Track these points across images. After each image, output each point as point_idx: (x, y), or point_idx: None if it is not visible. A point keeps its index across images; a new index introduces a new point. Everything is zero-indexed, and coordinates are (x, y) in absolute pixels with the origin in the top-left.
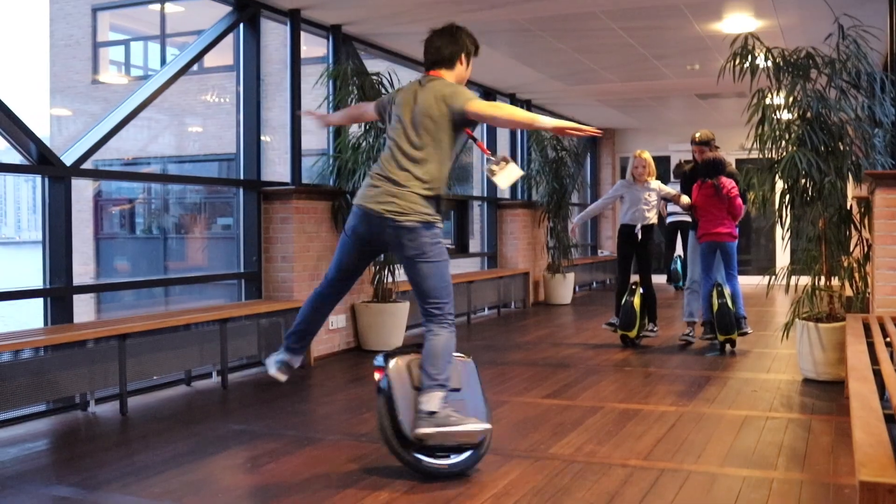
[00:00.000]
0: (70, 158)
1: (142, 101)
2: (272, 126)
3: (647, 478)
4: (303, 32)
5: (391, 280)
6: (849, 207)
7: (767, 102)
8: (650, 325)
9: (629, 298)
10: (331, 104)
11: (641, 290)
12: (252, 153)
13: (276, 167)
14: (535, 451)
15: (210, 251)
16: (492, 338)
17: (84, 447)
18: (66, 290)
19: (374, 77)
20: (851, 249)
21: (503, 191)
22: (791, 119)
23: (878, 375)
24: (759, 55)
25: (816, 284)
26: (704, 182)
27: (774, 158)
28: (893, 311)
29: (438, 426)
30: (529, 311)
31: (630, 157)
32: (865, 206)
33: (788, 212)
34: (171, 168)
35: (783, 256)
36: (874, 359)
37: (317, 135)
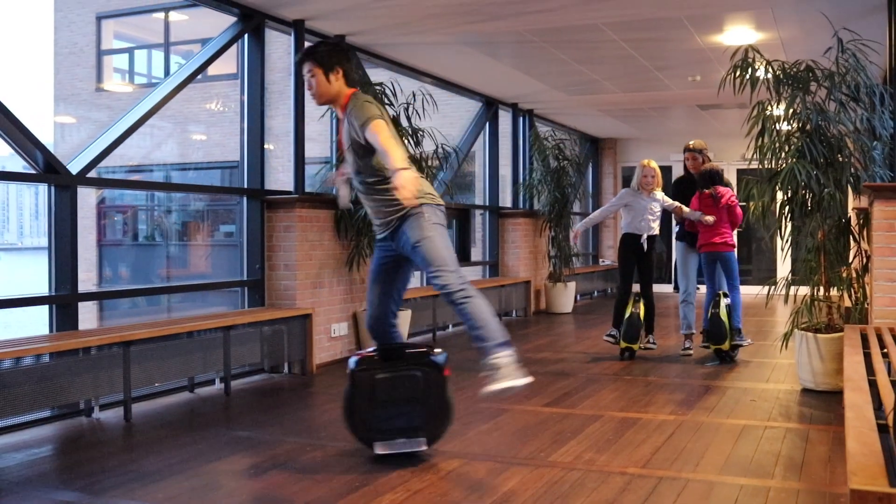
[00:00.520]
0: (76, 167)
1: (147, 110)
2: (275, 134)
3: (646, 486)
4: (307, 43)
5: None
6: (850, 218)
7: (767, 114)
8: (648, 338)
9: (634, 311)
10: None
11: (643, 301)
12: (256, 161)
13: (280, 175)
14: (535, 459)
15: (213, 259)
16: None
17: (88, 453)
18: (72, 298)
19: (378, 87)
20: (850, 260)
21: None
22: (791, 131)
23: (874, 386)
24: (760, 67)
25: (815, 295)
26: (703, 192)
27: (774, 169)
28: (891, 322)
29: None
30: (531, 320)
31: (637, 167)
32: (864, 218)
33: (788, 222)
34: (175, 175)
35: (783, 267)
36: (871, 369)
37: (320, 143)
